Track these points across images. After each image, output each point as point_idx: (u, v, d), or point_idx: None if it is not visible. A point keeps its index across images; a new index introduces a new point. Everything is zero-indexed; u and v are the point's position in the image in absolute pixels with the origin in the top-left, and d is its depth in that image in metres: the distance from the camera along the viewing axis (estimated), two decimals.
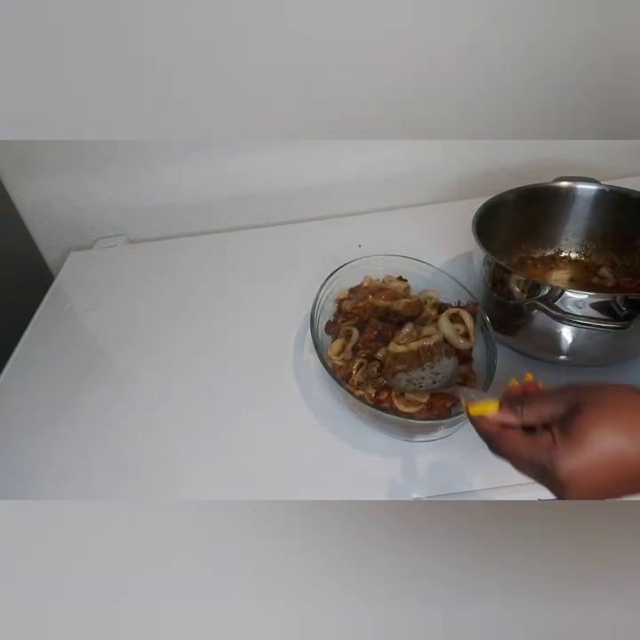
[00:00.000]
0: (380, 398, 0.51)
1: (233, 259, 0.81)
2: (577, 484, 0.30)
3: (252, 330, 0.68)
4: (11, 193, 0.86)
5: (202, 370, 0.63)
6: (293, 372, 0.61)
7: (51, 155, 0.83)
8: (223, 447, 0.54)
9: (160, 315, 0.72)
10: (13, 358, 0.68)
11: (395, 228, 0.82)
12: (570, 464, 0.30)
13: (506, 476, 0.48)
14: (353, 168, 0.88)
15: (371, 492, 0.48)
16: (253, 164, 0.86)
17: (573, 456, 0.30)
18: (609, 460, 0.29)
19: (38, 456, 0.55)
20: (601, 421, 0.30)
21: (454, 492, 0.47)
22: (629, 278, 0.63)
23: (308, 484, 0.50)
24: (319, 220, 0.88)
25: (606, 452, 0.29)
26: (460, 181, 0.91)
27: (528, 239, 0.68)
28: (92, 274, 0.82)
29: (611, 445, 0.29)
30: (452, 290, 0.60)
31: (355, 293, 0.62)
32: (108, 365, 0.66)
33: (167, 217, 0.92)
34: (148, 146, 0.83)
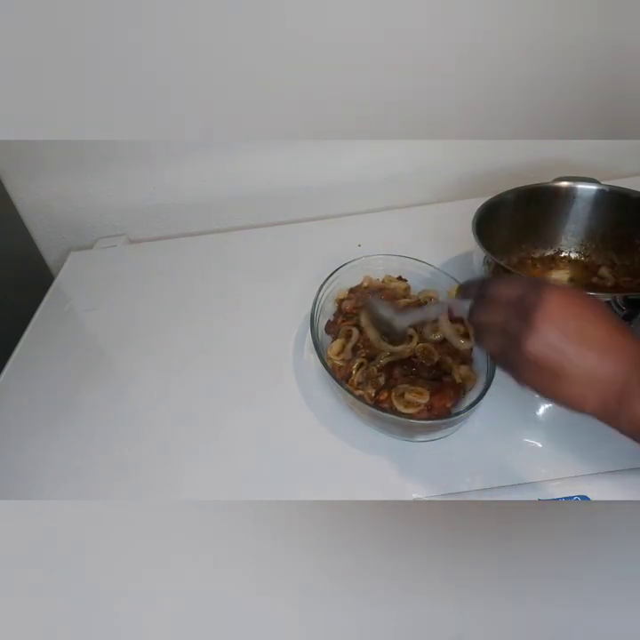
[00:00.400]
0: (379, 398, 0.51)
1: (233, 259, 0.81)
2: (549, 325, 0.33)
3: (251, 330, 0.68)
4: (11, 193, 0.86)
5: (202, 370, 0.63)
6: (293, 372, 0.61)
7: (51, 155, 0.83)
8: (223, 447, 0.54)
9: (160, 315, 0.72)
10: (13, 358, 0.68)
11: (395, 228, 0.82)
12: (555, 295, 0.33)
13: (506, 476, 0.48)
14: (353, 168, 0.88)
15: (371, 492, 0.48)
16: (253, 164, 0.86)
17: (560, 293, 0.33)
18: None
19: (38, 456, 0.55)
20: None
21: (454, 492, 0.47)
22: (629, 278, 0.63)
23: (308, 484, 0.50)
24: (319, 219, 0.88)
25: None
26: (459, 181, 0.91)
27: (528, 239, 0.68)
28: (92, 274, 0.82)
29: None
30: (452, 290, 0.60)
31: (355, 293, 0.62)
32: (107, 365, 0.65)
33: (167, 217, 0.92)
34: (147, 146, 0.83)
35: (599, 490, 0.45)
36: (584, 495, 0.45)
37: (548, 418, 0.54)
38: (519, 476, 0.48)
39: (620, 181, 0.65)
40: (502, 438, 0.51)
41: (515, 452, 0.50)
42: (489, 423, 0.52)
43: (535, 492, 0.46)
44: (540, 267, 0.68)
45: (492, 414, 0.53)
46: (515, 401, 0.55)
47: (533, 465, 0.49)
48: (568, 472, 0.48)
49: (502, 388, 0.53)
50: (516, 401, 0.55)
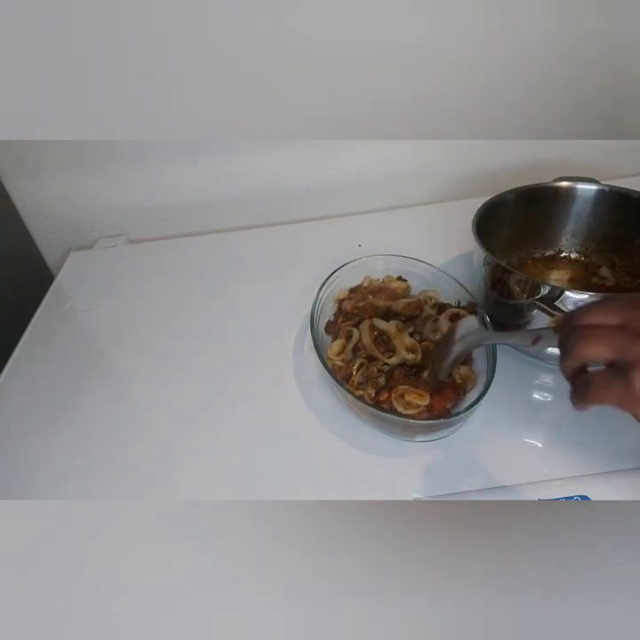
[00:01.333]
0: (379, 399, 0.51)
1: (233, 259, 0.81)
2: None
3: (251, 330, 0.68)
4: (11, 193, 0.86)
5: (202, 370, 0.63)
6: (293, 372, 0.61)
7: (51, 155, 0.83)
8: (223, 447, 0.54)
9: (160, 315, 0.72)
10: (13, 358, 0.68)
11: (395, 228, 0.82)
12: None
13: (506, 476, 0.48)
14: (353, 168, 0.88)
15: (371, 492, 0.48)
16: (253, 163, 0.86)
17: None
18: None
19: (38, 456, 0.55)
20: None
21: (454, 492, 0.47)
22: (629, 278, 0.63)
23: (308, 484, 0.50)
24: (319, 219, 0.88)
25: None
26: (460, 181, 0.91)
27: (528, 239, 0.68)
28: (92, 274, 0.82)
29: None
30: (452, 290, 0.60)
31: (355, 293, 0.62)
32: (107, 365, 0.65)
33: (167, 217, 0.92)
34: (147, 146, 0.83)
35: (599, 490, 0.45)
36: (584, 495, 0.45)
37: (548, 418, 0.54)
38: (519, 476, 0.48)
39: (620, 181, 0.65)
40: (502, 438, 0.51)
41: (515, 451, 0.50)
42: (489, 423, 0.52)
43: (535, 492, 0.46)
44: (540, 267, 0.68)
45: (491, 414, 0.53)
46: (515, 401, 0.55)
47: (533, 465, 0.49)
48: (568, 472, 0.48)
49: (502, 387, 0.53)
50: (516, 401, 0.55)
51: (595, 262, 0.66)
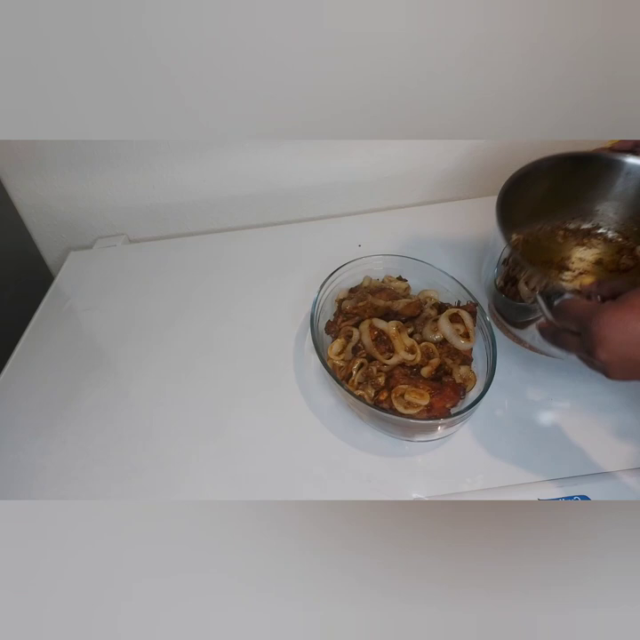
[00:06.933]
0: (379, 398, 0.51)
1: (233, 259, 0.81)
2: (607, 338, 0.35)
3: (252, 330, 0.68)
4: (11, 193, 0.86)
5: (202, 369, 0.63)
6: (293, 372, 0.61)
7: (51, 155, 0.83)
8: (223, 447, 0.54)
9: (160, 315, 0.72)
10: (13, 358, 0.68)
11: (395, 228, 0.82)
12: (605, 317, 0.35)
13: (506, 476, 0.48)
14: (353, 168, 0.88)
15: (371, 492, 0.49)
16: (253, 164, 0.86)
17: (611, 313, 0.35)
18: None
19: (38, 456, 0.55)
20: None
21: (454, 492, 0.47)
22: None
23: (308, 484, 0.50)
24: (319, 219, 0.88)
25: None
26: (459, 181, 0.91)
27: (564, 208, 0.62)
28: (92, 273, 0.82)
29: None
30: (452, 290, 0.60)
31: (355, 293, 0.62)
32: (107, 365, 0.66)
33: (167, 217, 0.92)
34: (148, 146, 0.83)
35: (599, 490, 0.45)
36: (584, 495, 0.45)
37: (548, 418, 0.54)
38: (520, 476, 0.48)
39: None
40: (502, 438, 0.52)
41: (514, 452, 0.50)
42: (489, 423, 0.52)
43: (535, 491, 0.46)
44: (571, 240, 0.62)
45: (491, 414, 0.53)
46: (514, 401, 0.55)
47: (533, 465, 0.49)
48: (568, 472, 0.48)
49: (502, 387, 0.54)
50: (515, 401, 0.55)
51: (631, 247, 0.61)
